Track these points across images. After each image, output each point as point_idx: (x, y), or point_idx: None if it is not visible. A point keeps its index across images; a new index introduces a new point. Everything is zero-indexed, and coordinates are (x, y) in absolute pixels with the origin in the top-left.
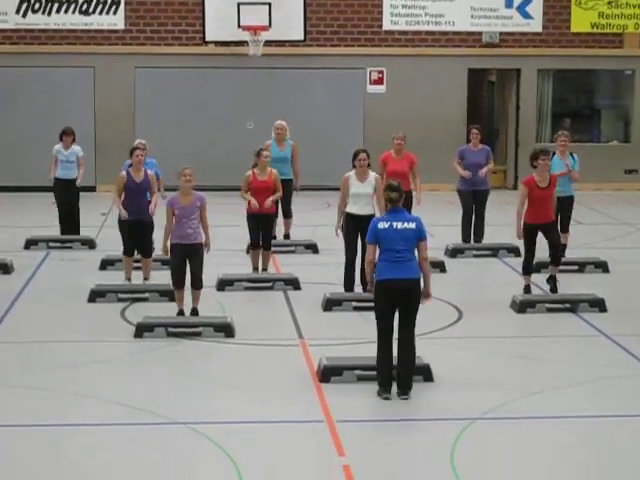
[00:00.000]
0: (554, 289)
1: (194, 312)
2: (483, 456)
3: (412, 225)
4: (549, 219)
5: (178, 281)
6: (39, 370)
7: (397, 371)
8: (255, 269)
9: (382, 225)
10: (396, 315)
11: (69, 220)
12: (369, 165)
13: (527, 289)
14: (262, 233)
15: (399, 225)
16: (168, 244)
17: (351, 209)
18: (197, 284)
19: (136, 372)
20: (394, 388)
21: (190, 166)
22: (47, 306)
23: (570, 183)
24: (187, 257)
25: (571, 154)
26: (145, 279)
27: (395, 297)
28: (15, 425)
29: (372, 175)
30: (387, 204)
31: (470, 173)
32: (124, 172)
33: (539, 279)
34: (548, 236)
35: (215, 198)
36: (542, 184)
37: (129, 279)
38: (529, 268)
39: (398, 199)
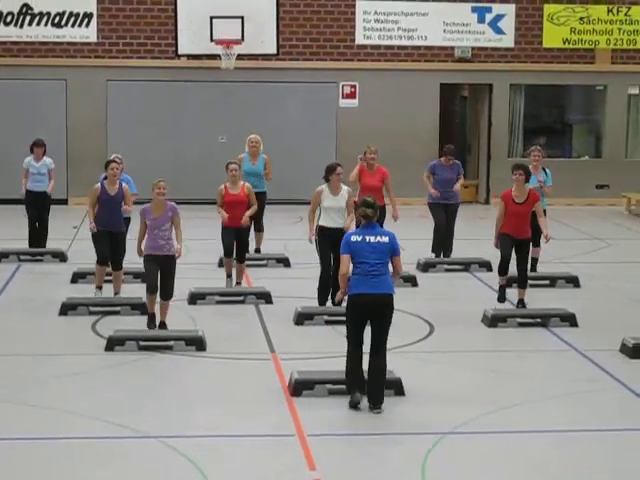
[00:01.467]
0: None
1: (162, 325)
2: (454, 470)
3: (385, 239)
4: (523, 234)
5: (150, 286)
6: (9, 384)
7: (368, 385)
8: (229, 276)
9: (355, 238)
10: (367, 329)
11: (37, 233)
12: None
13: (502, 290)
14: (237, 246)
15: (372, 239)
16: (142, 247)
17: (324, 222)
18: (165, 295)
19: (107, 386)
20: (364, 402)
21: (163, 179)
22: (18, 319)
23: (542, 198)
24: (159, 267)
25: (543, 169)
26: (115, 293)
27: (367, 312)
28: None
29: (344, 189)
30: (362, 220)
31: (438, 193)
32: (98, 184)
33: (510, 293)
34: (518, 254)
35: (187, 212)
36: (518, 199)
37: (100, 288)
38: (505, 267)
39: (373, 215)
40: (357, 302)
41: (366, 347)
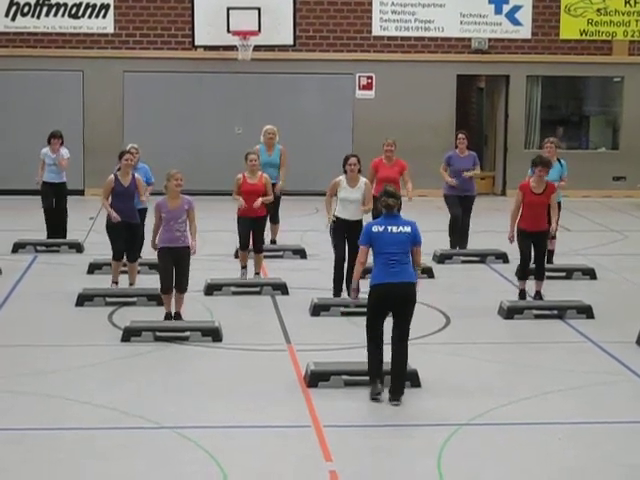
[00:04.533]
0: None
1: (177, 316)
2: (470, 462)
3: (407, 229)
4: (541, 227)
5: (166, 286)
6: (26, 374)
7: (391, 376)
8: (244, 267)
9: (376, 228)
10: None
11: (56, 224)
12: (360, 170)
13: (522, 294)
14: (253, 236)
15: (394, 229)
16: (157, 241)
17: (341, 214)
18: (181, 288)
19: (123, 376)
20: (385, 394)
21: (178, 170)
22: (35, 310)
23: (558, 190)
24: (174, 260)
25: (559, 160)
26: (131, 284)
27: (389, 301)
28: (2, 429)
29: (362, 180)
30: (383, 209)
31: (457, 182)
32: (112, 176)
33: (527, 285)
34: (536, 247)
35: (203, 203)
36: (537, 190)
37: (116, 283)
38: (524, 272)
39: (395, 205)
40: (379, 292)
41: (387, 338)
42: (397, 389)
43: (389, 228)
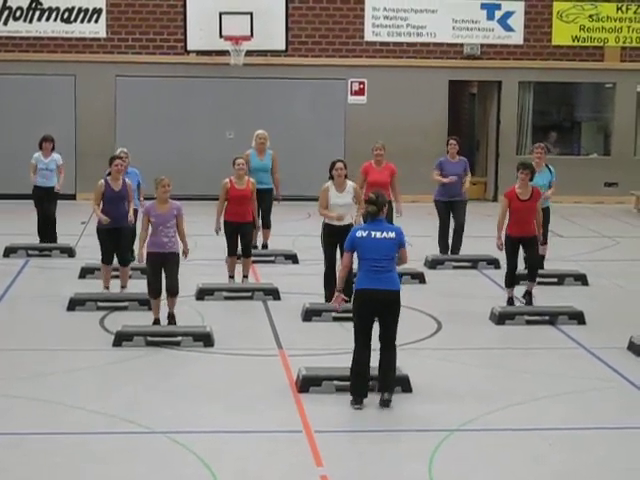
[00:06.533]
0: (529, 304)
1: (170, 316)
2: (461, 468)
3: (392, 234)
4: (530, 233)
5: (154, 291)
6: (18, 378)
7: (378, 380)
8: (231, 277)
9: (360, 234)
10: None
11: (47, 228)
12: (346, 175)
13: (510, 301)
14: (241, 241)
15: (378, 234)
16: (144, 251)
17: (329, 219)
18: (172, 291)
19: (115, 381)
20: (376, 398)
21: (167, 176)
22: (26, 314)
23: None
24: (162, 265)
25: (547, 166)
26: (122, 287)
27: (373, 307)
28: None
29: (350, 185)
30: (368, 217)
31: (454, 177)
32: (102, 181)
33: (516, 291)
34: (527, 251)
35: (194, 207)
36: (523, 196)
37: (107, 287)
38: (512, 280)
39: (376, 212)
40: (362, 297)
41: (375, 344)
42: (386, 394)
43: (372, 233)
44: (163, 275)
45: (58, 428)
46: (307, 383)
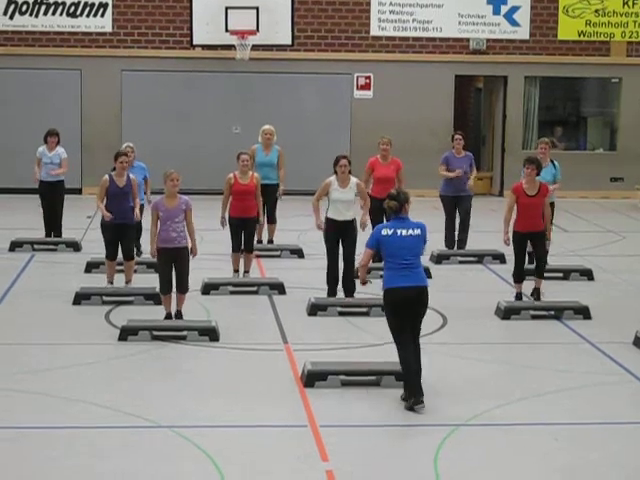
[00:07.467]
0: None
1: (178, 315)
2: (467, 463)
3: (417, 231)
4: (537, 227)
5: (165, 287)
6: (23, 372)
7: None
8: (235, 271)
9: (385, 232)
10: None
11: (52, 222)
12: (350, 172)
13: (519, 297)
14: (244, 236)
15: (404, 232)
16: (155, 247)
17: (332, 215)
18: (182, 288)
19: (120, 375)
20: (380, 392)
21: (176, 170)
22: (31, 308)
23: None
24: (173, 261)
25: (552, 162)
26: (127, 282)
27: (407, 304)
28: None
29: (353, 181)
30: (389, 213)
31: (462, 170)
32: (107, 176)
33: (524, 286)
34: (534, 247)
35: (201, 202)
36: (530, 192)
37: (111, 282)
38: (520, 276)
39: (397, 208)
40: (396, 296)
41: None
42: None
43: (398, 231)
44: (173, 270)
45: (63, 422)
46: (313, 378)
